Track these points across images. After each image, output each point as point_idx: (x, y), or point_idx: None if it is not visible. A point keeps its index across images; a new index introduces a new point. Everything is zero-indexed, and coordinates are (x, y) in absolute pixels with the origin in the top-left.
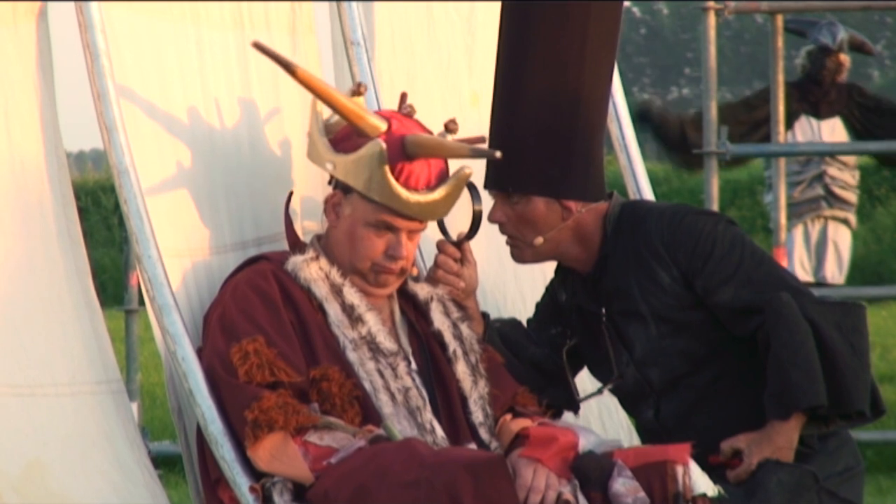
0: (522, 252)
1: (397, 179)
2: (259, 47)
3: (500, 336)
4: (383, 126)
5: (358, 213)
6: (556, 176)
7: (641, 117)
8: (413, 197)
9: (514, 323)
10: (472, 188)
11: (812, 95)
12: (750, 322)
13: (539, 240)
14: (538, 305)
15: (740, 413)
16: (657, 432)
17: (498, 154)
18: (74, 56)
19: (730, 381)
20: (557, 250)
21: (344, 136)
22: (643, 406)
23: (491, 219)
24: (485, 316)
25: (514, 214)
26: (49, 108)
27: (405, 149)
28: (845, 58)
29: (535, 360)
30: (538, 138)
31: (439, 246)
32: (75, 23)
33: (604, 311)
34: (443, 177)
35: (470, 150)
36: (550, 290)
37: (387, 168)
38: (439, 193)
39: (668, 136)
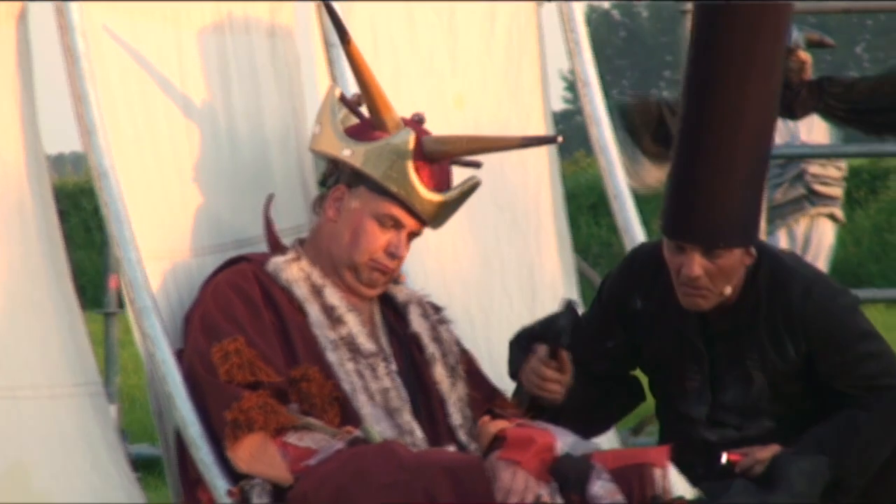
0: (708, 301)
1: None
2: (328, 8)
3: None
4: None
5: (366, 205)
6: (751, 222)
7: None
8: (427, 195)
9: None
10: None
11: (783, 98)
12: (848, 399)
13: (728, 289)
14: (584, 320)
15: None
16: (693, 424)
17: (560, 139)
18: (54, 58)
19: (795, 432)
20: (732, 296)
21: (357, 129)
22: (695, 405)
23: (688, 273)
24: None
25: (715, 268)
26: (29, 111)
27: (424, 147)
28: (805, 55)
29: (599, 375)
30: (741, 187)
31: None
32: (55, 25)
33: (706, 351)
34: (450, 183)
35: (522, 138)
36: (608, 301)
37: (410, 160)
38: (450, 196)
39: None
